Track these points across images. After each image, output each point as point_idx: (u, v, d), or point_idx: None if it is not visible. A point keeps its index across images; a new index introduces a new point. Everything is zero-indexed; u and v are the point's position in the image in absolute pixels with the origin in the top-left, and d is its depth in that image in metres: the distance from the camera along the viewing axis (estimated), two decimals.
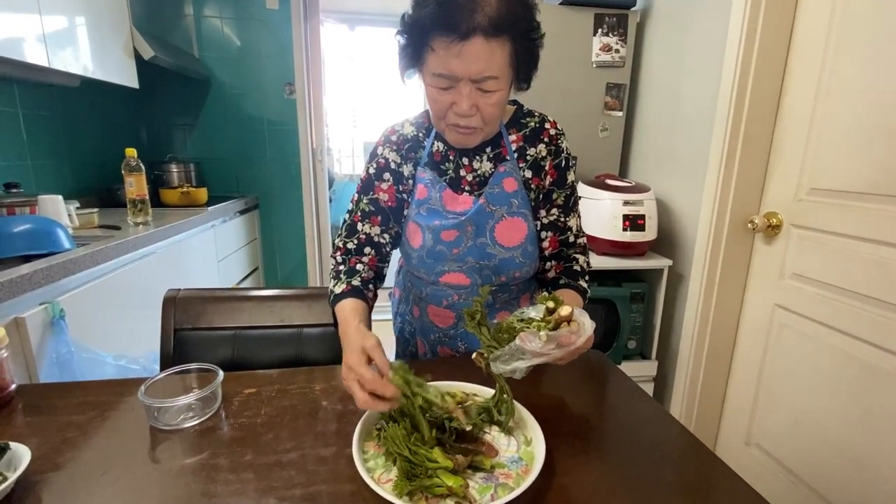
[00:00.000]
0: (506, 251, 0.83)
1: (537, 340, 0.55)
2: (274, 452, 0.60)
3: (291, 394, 0.73)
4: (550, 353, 0.56)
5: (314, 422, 0.66)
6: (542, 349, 0.55)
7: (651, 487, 0.56)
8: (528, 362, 0.57)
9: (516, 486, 0.53)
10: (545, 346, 0.55)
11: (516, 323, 0.63)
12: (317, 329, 0.95)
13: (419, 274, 0.88)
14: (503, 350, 0.59)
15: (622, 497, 0.54)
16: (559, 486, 0.55)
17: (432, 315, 0.92)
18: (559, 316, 0.58)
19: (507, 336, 0.61)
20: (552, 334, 0.56)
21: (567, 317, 0.58)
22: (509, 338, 0.61)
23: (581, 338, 0.57)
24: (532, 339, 0.56)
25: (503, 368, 0.58)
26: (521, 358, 0.57)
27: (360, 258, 0.84)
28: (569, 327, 0.57)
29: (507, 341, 0.60)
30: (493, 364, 0.59)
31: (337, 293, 0.78)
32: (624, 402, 0.77)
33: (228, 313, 0.94)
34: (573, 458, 0.60)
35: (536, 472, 0.54)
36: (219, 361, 0.86)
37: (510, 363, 0.58)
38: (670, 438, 0.67)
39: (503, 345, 0.60)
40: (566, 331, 0.57)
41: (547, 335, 0.56)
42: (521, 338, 0.56)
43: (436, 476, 0.51)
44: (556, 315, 0.59)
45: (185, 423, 0.65)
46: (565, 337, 0.56)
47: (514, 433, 0.64)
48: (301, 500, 0.52)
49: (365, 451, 0.59)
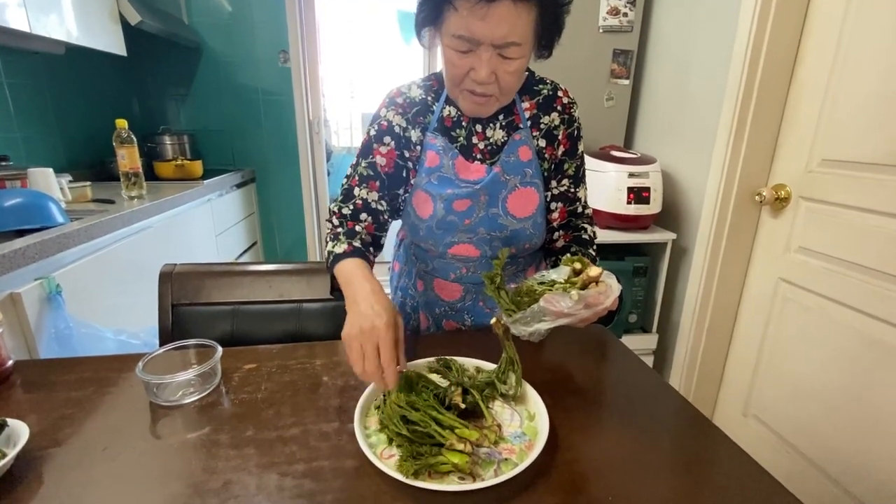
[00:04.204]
0: (517, 222, 0.80)
1: (568, 300, 0.54)
2: (275, 428, 0.59)
3: (292, 369, 0.73)
4: (577, 314, 0.55)
5: (315, 397, 0.66)
6: (570, 309, 0.54)
7: (656, 461, 0.56)
8: (550, 323, 0.56)
9: (520, 462, 0.53)
10: (574, 307, 0.54)
11: (537, 286, 0.61)
12: (317, 304, 0.94)
13: (426, 246, 0.86)
14: (524, 312, 0.58)
15: (627, 472, 0.54)
16: (563, 462, 0.55)
17: (438, 289, 0.90)
18: (587, 276, 0.57)
19: (528, 299, 0.60)
20: (583, 293, 0.55)
21: (596, 277, 0.57)
22: (530, 300, 0.59)
23: (609, 298, 0.55)
24: (560, 299, 0.55)
25: (524, 331, 0.58)
26: (543, 320, 0.56)
27: (356, 223, 0.81)
28: (597, 288, 0.56)
29: (528, 304, 0.59)
30: (514, 326, 0.58)
31: (338, 253, 0.73)
32: (627, 376, 0.76)
33: (227, 288, 0.93)
34: (577, 432, 0.60)
35: (540, 447, 0.53)
36: (218, 337, 0.85)
37: (531, 325, 0.57)
38: (674, 412, 0.66)
39: (523, 308, 0.59)
40: (595, 291, 0.55)
41: (578, 294, 0.54)
42: (546, 299, 0.55)
43: (440, 454, 0.51)
44: (583, 276, 0.58)
45: (185, 398, 0.65)
46: (594, 297, 0.55)
47: (516, 408, 0.64)
48: (303, 476, 0.51)
49: (367, 426, 0.59)
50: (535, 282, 0.63)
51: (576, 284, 0.59)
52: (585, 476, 0.53)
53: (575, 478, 0.53)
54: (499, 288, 0.64)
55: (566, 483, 0.52)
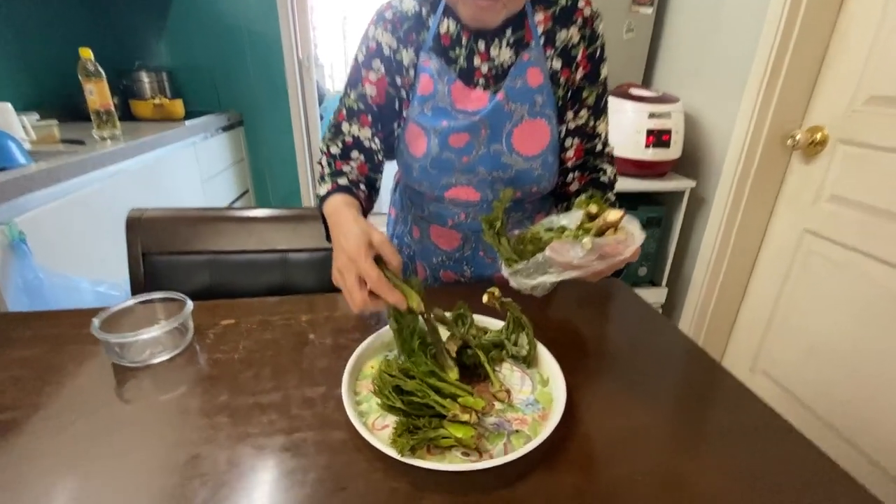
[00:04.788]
0: (524, 161, 0.70)
1: (578, 249, 0.45)
2: (252, 393, 0.52)
3: (274, 326, 0.65)
4: (588, 266, 0.46)
5: (300, 358, 0.58)
6: (581, 260, 0.45)
7: (687, 432, 0.49)
8: (556, 276, 0.48)
9: (533, 435, 0.46)
10: (586, 257, 0.45)
11: (543, 233, 0.52)
12: (304, 254, 0.85)
13: (421, 188, 0.75)
14: (527, 263, 0.49)
15: (656, 444, 0.47)
16: (581, 433, 0.48)
17: (435, 236, 0.81)
18: (605, 222, 0.47)
19: (532, 248, 0.51)
20: (598, 241, 0.45)
21: (614, 223, 0.47)
22: (534, 249, 0.51)
23: (629, 248, 0.46)
24: (570, 248, 0.46)
25: (526, 284, 0.49)
26: (548, 272, 0.48)
27: (346, 163, 0.71)
28: (615, 235, 0.47)
29: (532, 254, 0.50)
30: (514, 278, 0.50)
31: (322, 194, 0.66)
32: (647, 335, 0.68)
33: (203, 236, 0.83)
34: (595, 398, 0.53)
35: (557, 417, 0.46)
36: (195, 290, 0.76)
37: (534, 277, 0.49)
38: (702, 375, 0.59)
39: (526, 258, 0.50)
40: (612, 239, 0.46)
41: (592, 242, 0.45)
42: (553, 248, 0.46)
43: (441, 426, 0.43)
44: (600, 221, 0.48)
45: (152, 359, 0.57)
46: (611, 247, 0.46)
47: (527, 371, 0.56)
48: (282, 450, 0.44)
49: (357, 392, 0.51)
50: (543, 228, 0.54)
51: (590, 231, 0.49)
52: (607, 450, 0.46)
53: (595, 452, 0.46)
54: (499, 234, 0.55)
55: (585, 458, 0.45)
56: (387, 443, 0.43)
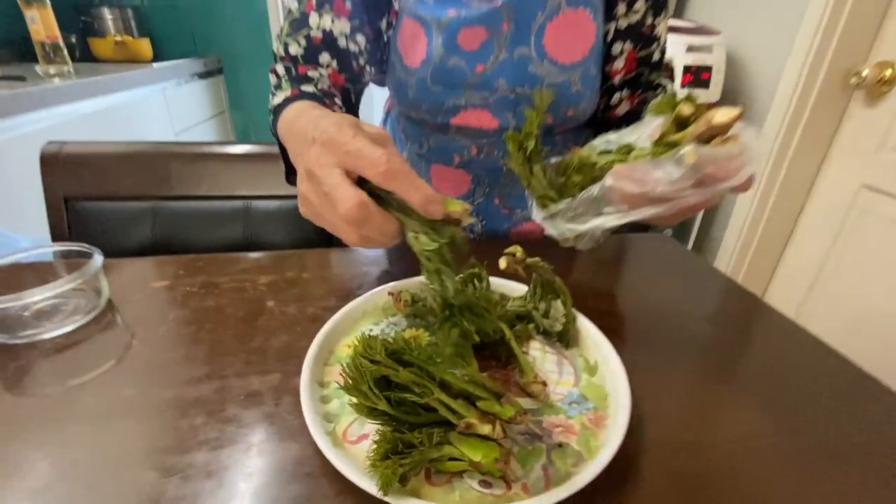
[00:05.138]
0: (559, 72, 0.52)
1: (670, 167, 0.29)
2: (176, 383, 0.36)
3: (222, 289, 0.48)
4: (678, 198, 0.30)
5: (251, 333, 0.42)
6: (673, 186, 0.29)
7: (792, 443, 0.33)
8: (616, 218, 0.32)
9: (586, 452, 0.30)
10: (680, 181, 0.29)
11: (596, 156, 0.35)
12: (272, 202, 0.68)
13: (419, 114, 0.58)
14: (573, 200, 0.34)
15: (761, 459, 0.32)
16: (656, 441, 0.32)
17: (437, 180, 0.64)
18: (709, 127, 0.30)
19: (581, 178, 0.36)
20: (708, 152, 0.29)
21: (725, 125, 0.30)
22: (584, 181, 0.35)
23: (746, 168, 0.30)
24: (652, 169, 0.29)
25: (568, 231, 0.34)
26: (605, 212, 0.32)
27: (313, 68, 0.52)
28: (725, 147, 0.30)
29: (580, 186, 0.35)
30: (551, 224, 0.35)
31: (278, 103, 0.44)
32: (704, 293, 0.52)
33: (143, 178, 0.66)
34: (666, 391, 0.37)
35: (623, 424, 0.30)
36: (133, 246, 0.60)
37: (582, 221, 0.33)
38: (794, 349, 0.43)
39: (571, 193, 0.34)
40: (723, 151, 0.29)
41: (698, 153, 0.28)
42: (618, 173, 0.31)
43: (448, 442, 0.28)
44: (698, 127, 0.31)
45: (45, 333, 0.41)
46: (723, 163, 0.29)
47: (565, 353, 0.40)
48: (203, 478, 0.29)
49: (326, 383, 0.36)
50: (594, 151, 0.37)
51: (678, 146, 0.32)
52: (697, 466, 0.31)
53: (681, 469, 0.30)
54: (531, 160, 0.38)
55: (668, 477, 0.30)
56: (363, 468, 0.27)
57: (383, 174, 0.28)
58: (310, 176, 0.30)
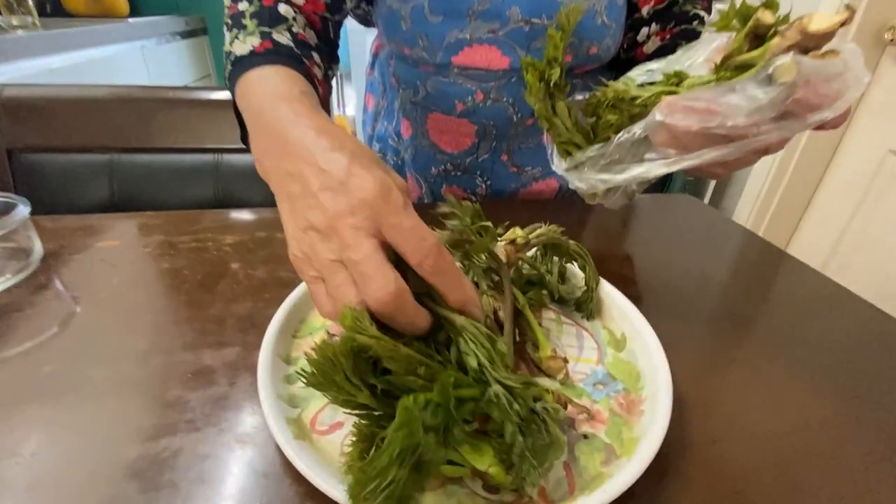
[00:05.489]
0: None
1: (754, 89, 0.22)
2: (109, 359, 0.29)
3: (179, 249, 0.41)
4: (757, 134, 0.23)
5: (208, 299, 0.35)
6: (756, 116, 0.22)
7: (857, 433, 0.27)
8: (665, 164, 0.27)
9: (619, 447, 0.24)
10: (769, 106, 0.22)
11: (635, 90, 0.28)
12: (247, 156, 0.60)
13: (414, 53, 0.49)
14: (605, 145, 0.27)
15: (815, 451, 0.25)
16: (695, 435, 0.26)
17: (435, 132, 0.56)
18: (804, 33, 0.23)
19: (615, 119, 0.28)
20: (808, 65, 0.22)
21: (824, 35, 0.22)
22: (619, 120, 0.28)
23: (848, 93, 0.22)
24: (733, 92, 0.22)
25: (600, 182, 0.28)
26: (646, 159, 0.26)
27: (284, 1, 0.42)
28: (830, 62, 0.23)
29: (615, 128, 0.27)
30: (577, 175, 0.29)
31: (241, 55, 0.36)
32: (740, 259, 0.46)
33: (99, 127, 0.58)
34: (704, 368, 0.31)
35: (665, 413, 0.24)
36: (90, 204, 0.53)
37: (621, 170, 0.28)
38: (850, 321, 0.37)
39: (602, 136, 0.27)
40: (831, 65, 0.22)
41: (798, 64, 0.21)
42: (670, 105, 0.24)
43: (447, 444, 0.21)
44: (790, 34, 0.23)
45: None
46: (818, 86, 0.22)
47: (586, 325, 0.34)
48: (127, 476, 0.22)
49: (292, 360, 0.29)
50: (632, 82, 0.30)
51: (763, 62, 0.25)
52: (743, 457, 0.24)
53: (724, 461, 0.24)
54: (553, 95, 0.31)
55: (709, 471, 0.23)
56: (336, 472, 0.21)
57: (432, 267, 0.21)
58: (330, 232, 0.22)
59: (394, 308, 0.20)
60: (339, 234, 0.21)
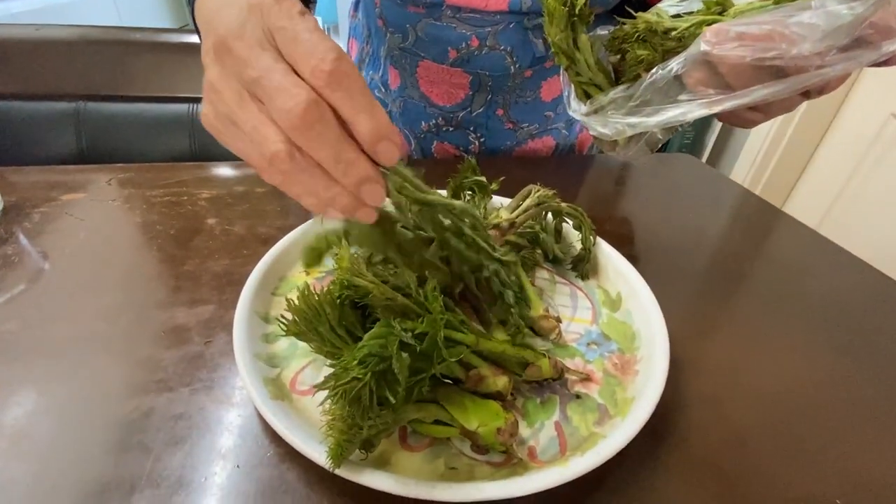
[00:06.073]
0: None
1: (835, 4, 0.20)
2: (80, 316, 0.28)
3: (152, 203, 0.39)
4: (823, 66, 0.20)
5: (182, 255, 0.33)
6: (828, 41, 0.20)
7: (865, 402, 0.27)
8: (706, 104, 0.23)
9: (613, 408, 0.23)
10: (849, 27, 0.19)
11: (668, 21, 0.26)
12: None
13: None
14: (635, 85, 0.25)
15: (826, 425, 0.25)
16: (689, 397, 0.25)
17: (426, 83, 0.52)
18: None
19: (646, 54, 0.26)
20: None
21: None
22: (651, 56, 0.26)
23: None
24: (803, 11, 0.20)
25: (628, 127, 0.26)
26: (680, 100, 0.23)
27: None
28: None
29: (645, 65, 0.26)
30: (599, 120, 0.28)
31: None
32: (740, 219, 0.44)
33: (62, 72, 0.53)
34: (702, 328, 0.30)
35: (661, 373, 0.23)
36: (54, 156, 0.49)
37: (652, 112, 0.25)
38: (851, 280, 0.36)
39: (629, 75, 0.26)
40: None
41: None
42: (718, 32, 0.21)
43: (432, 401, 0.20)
44: None
45: None
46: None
47: (580, 284, 0.32)
48: (103, 453, 0.21)
49: (270, 318, 0.27)
50: (665, 14, 0.27)
51: None
52: (745, 418, 0.24)
53: (726, 423, 0.23)
54: (574, 25, 0.28)
55: (710, 434, 0.23)
56: (317, 433, 0.20)
57: (329, 74, 0.16)
58: (224, 53, 0.18)
59: (311, 121, 0.16)
60: (231, 54, 0.17)
